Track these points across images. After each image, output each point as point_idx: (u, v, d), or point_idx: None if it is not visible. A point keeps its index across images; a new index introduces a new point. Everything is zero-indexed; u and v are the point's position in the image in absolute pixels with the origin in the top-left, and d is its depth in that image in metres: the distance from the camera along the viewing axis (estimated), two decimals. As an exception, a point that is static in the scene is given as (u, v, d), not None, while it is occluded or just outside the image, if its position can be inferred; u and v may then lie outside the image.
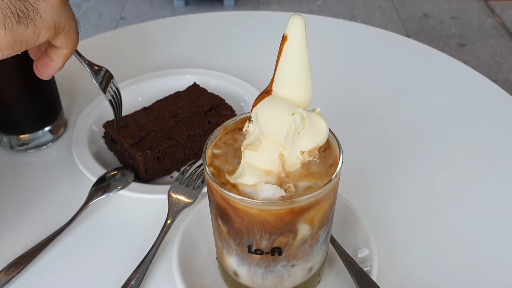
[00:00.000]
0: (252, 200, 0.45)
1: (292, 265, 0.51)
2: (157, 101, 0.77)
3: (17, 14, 0.46)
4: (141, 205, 0.68)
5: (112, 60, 0.97)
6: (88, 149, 0.72)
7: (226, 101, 0.77)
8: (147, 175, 0.69)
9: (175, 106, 0.76)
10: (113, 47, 1.02)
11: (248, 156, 0.47)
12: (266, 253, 0.49)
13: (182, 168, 0.71)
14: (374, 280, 0.54)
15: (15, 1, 0.46)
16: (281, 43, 0.47)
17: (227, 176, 0.48)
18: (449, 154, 0.76)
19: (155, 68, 0.91)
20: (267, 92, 0.49)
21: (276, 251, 0.48)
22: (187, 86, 0.80)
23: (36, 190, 0.71)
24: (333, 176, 0.46)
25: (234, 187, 0.47)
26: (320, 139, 0.47)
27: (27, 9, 0.46)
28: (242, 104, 0.81)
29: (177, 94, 0.78)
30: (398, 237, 0.64)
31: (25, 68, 0.70)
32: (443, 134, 0.80)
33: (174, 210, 0.64)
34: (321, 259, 0.54)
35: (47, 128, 0.78)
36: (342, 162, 0.48)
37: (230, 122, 0.53)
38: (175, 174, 0.72)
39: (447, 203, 0.68)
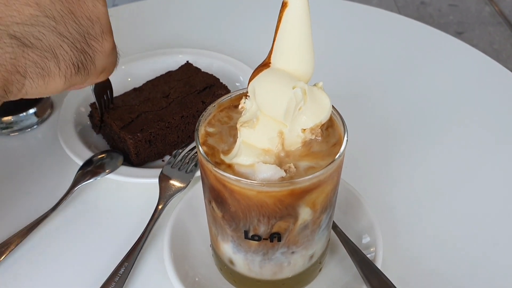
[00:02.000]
0: (249, 181, 0.41)
1: (292, 252, 0.47)
2: (148, 82, 0.73)
3: (77, 65, 0.47)
4: (130, 190, 0.64)
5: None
6: (74, 131, 0.68)
7: (221, 81, 0.72)
8: (138, 159, 0.65)
9: (167, 86, 0.72)
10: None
11: (244, 134, 0.43)
12: (264, 239, 0.45)
13: (174, 151, 0.67)
14: (379, 267, 0.51)
15: (77, 53, 0.47)
16: (280, 10, 0.43)
17: (221, 156, 0.44)
18: (454, 136, 0.73)
19: (146, 48, 0.87)
20: (265, 64, 0.45)
21: (275, 237, 0.45)
22: (179, 66, 0.76)
23: (19, 175, 0.67)
24: (337, 156, 0.43)
25: (229, 168, 0.43)
26: (323, 115, 0.44)
27: (86, 60, 0.48)
28: (237, 84, 0.77)
29: (169, 74, 0.74)
30: (403, 222, 0.60)
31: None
32: (448, 115, 0.76)
33: (166, 195, 0.60)
34: (322, 246, 0.51)
35: (31, 110, 0.73)
36: (347, 140, 0.44)
37: (224, 99, 0.50)
38: (168, 158, 0.69)
39: (452, 187, 0.65)
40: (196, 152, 0.64)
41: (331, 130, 0.46)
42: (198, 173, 0.62)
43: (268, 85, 0.43)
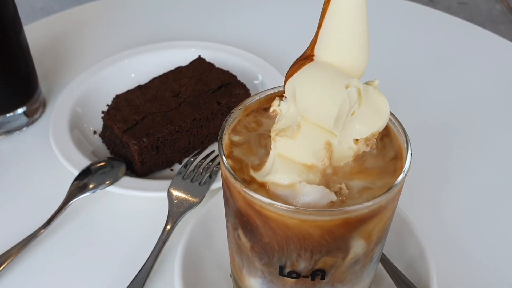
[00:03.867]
0: (291, 207, 0.32)
1: (336, 291, 0.38)
2: (154, 78, 0.64)
3: None
4: (134, 205, 0.55)
5: (102, 31, 0.84)
6: (69, 135, 0.59)
7: (239, 78, 0.63)
8: (143, 168, 0.56)
9: (177, 84, 0.62)
10: (103, 16, 0.88)
11: (281, 146, 0.34)
12: (304, 276, 0.36)
13: (185, 160, 0.58)
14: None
15: None
16: (329, -11, 0.34)
17: (251, 172, 0.35)
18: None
19: (151, 40, 0.77)
20: (306, 57, 0.36)
21: (317, 274, 0.36)
22: (190, 61, 0.67)
23: (4, 185, 0.58)
24: (402, 175, 0.34)
25: (262, 188, 0.34)
26: (380, 122, 0.35)
27: None
28: (255, 82, 0.68)
29: (179, 70, 0.65)
30: (457, 249, 0.51)
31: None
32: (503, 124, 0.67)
33: (176, 212, 0.51)
34: (370, 281, 0.42)
35: (20, 110, 0.64)
36: (411, 154, 0.35)
37: (251, 101, 0.41)
38: (177, 167, 0.59)
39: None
40: (211, 161, 0.56)
41: (387, 141, 0.38)
42: (214, 186, 0.53)
43: (314, 84, 0.34)
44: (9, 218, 0.54)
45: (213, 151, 0.58)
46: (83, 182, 0.54)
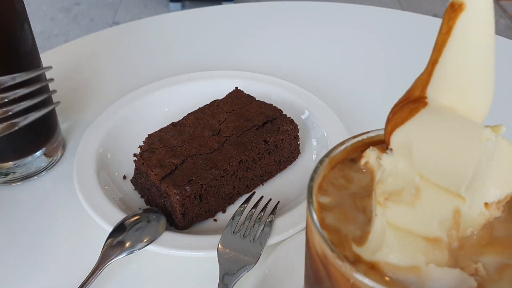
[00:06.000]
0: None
1: None
2: (189, 114, 0.57)
3: None
4: (178, 267, 0.47)
5: (125, 59, 0.77)
6: (97, 181, 0.51)
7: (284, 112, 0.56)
8: (184, 220, 0.48)
9: (215, 120, 0.55)
10: (124, 44, 0.81)
11: (393, 213, 0.27)
12: None
13: (229, 207, 0.50)
14: None
15: None
16: (448, 16, 0.28)
17: (354, 248, 0.28)
18: None
19: (180, 70, 0.70)
20: (416, 100, 0.29)
21: None
22: (225, 92, 0.60)
23: (24, 244, 0.50)
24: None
25: (373, 270, 0.27)
26: None
27: None
28: (302, 117, 0.60)
29: (215, 104, 0.58)
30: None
31: (8, 66, 0.50)
32: None
33: (228, 276, 0.43)
34: None
35: (38, 152, 0.57)
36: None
37: (336, 151, 0.33)
38: (220, 216, 0.52)
39: None
40: (262, 210, 0.48)
41: (512, 200, 0.30)
42: (269, 241, 0.46)
43: (441, 135, 0.27)
44: (32, 284, 0.46)
45: (262, 197, 0.51)
46: (118, 239, 0.46)
